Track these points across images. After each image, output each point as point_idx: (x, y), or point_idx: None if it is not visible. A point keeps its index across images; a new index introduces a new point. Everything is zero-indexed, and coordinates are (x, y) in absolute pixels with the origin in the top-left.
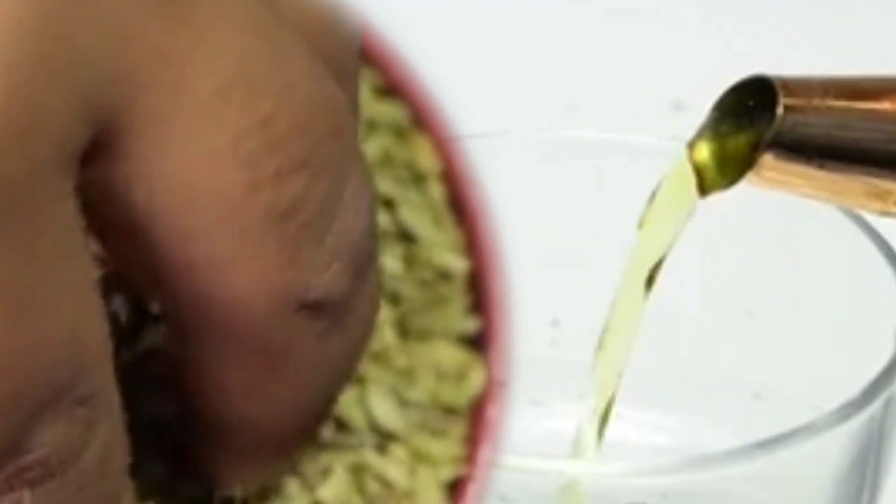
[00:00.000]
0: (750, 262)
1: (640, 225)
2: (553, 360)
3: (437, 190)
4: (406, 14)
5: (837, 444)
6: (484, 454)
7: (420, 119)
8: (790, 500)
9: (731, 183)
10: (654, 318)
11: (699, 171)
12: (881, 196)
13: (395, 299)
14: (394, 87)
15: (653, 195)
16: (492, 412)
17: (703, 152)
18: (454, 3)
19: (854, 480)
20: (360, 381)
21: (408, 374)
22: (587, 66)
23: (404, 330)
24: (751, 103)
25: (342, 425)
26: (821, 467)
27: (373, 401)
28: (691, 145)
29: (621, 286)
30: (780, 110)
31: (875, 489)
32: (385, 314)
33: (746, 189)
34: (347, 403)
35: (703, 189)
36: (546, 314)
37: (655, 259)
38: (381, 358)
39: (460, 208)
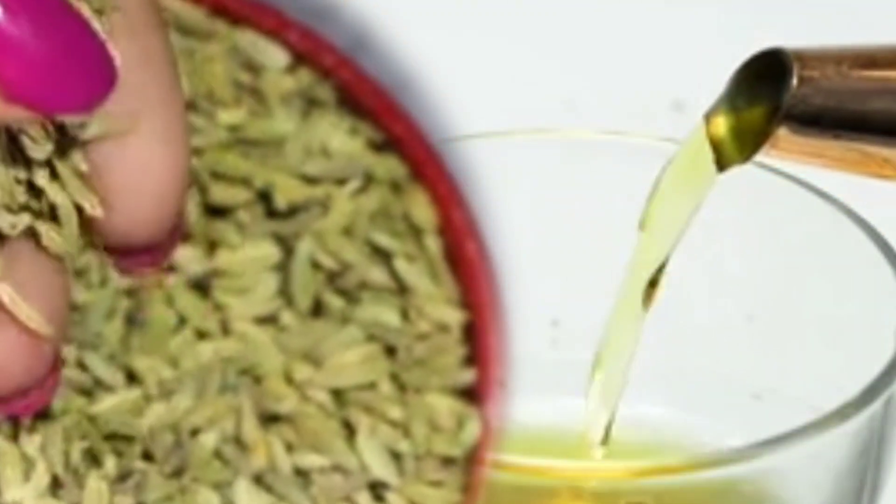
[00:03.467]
0: (750, 263)
1: (643, 223)
2: (553, 360)
3: (433, 243)
4: (406, 14)
5: (837, 444)
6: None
7: (419, 171)
8: (790, 499)
9: (748, 157)
10: (654, 319)
11: (716, 146)
12: None
13: (391, 352)
14: (391, 141)
15: (658, 182)
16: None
17: (721, 126)
18: (454, 4)
19: (854, 480)
20: (351, 430)
21: (402, 426)
22: (587, 66)
23: (400, 382)
24: (765, 76)
25: (338, 469)
26: (821, 467)
27: (365, 451)
28: (707, 119)
29: (629, 275)
30: (794, 81)
31: (875, 489)
32: (381, 366)
33: (747, 189)
34: (341, 450)
35: (721, 164)
36: (546, 314)
37: (668, 248)
38: (374, 409)
39: (458, 260)
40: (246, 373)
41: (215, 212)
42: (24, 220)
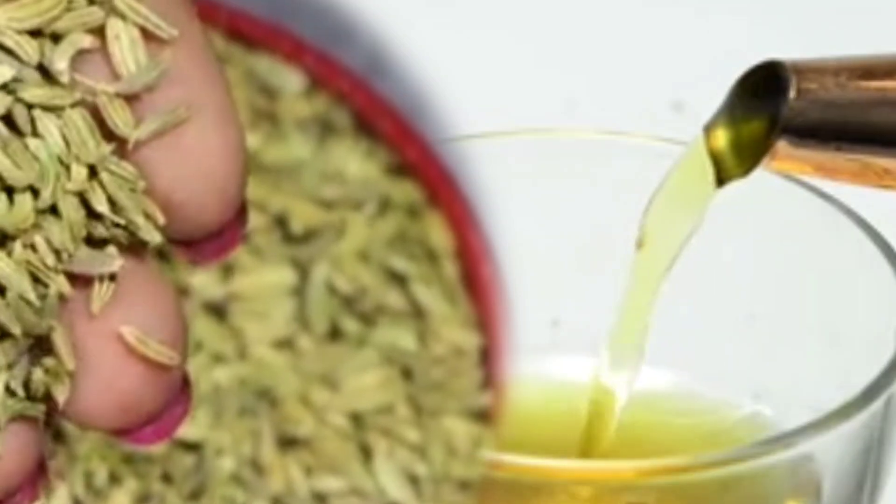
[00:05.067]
0: (751, 263)
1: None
2: (553, 360)
3: (449, 267)
4: (406, 14)
5: (837, 444)
6: None
7: (434, 195)
8: (791, 499)
9: (748, 170)
10: (655, 319)
11: (715, 160)
12: None
13: (407, 375)
14: (408, 166)
15: (657, 193)
16: None
17: (720, 140)
18: (454, 4)
19: (854, 480)
20: (369, 453)
21: (419, 449)
22: (587, 66)
23: (417, 405)
24: (763, 88)
25: (355, 492)
26: (821, 467)
27: (382, 474)
28: (706, 133)
29: (631, 289)
30: (791, 94)
31: (875, 489)
32: (398, 390)
33: (747, 190)
34: (358, 473)
35: (720, 179)
36: (546, 314)
37: (668, 260)
38: (391, 432)
39: (472, 283)
40: (263, 396)
41: None
42: (116, 257)
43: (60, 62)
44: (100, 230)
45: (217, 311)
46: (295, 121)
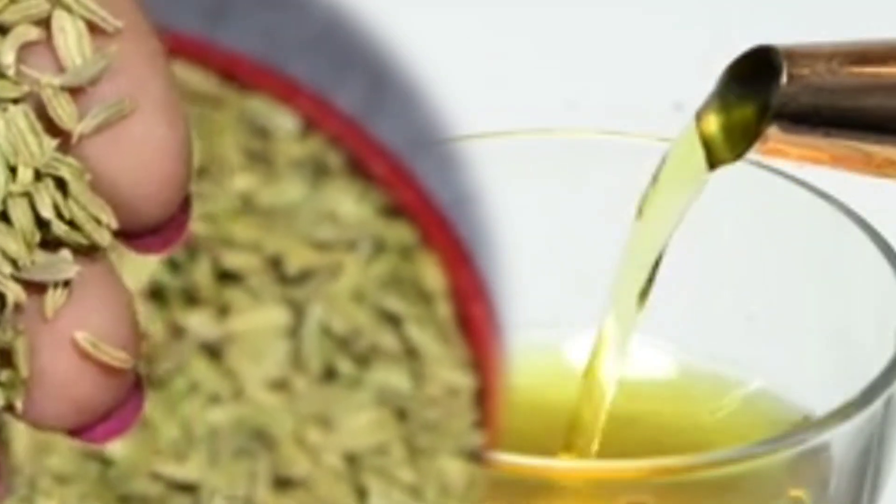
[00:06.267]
0: (751, 263)
1: (640, 211)
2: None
3: (443, 308)
4: (406, 14)
5: (837, 444)
6: None
7: (427, 235)
8: (791, 499)
9: (739, 155)
10: (654, 318)
11: (707, 145)
12: (888, 164)
13: (402, 415)
14: (402, 207)
15: (654, 177)
16: None
17: (712, 125)
18: (454, 4)
19: (854, 480)
20: (364, 494)
21: (414, 489)
22: (588, 66)
23: (411, 446)
24: (756, 74)
25: None
26: (821, 467)
27: None
28: (699, 117)
29: (621, 274)
30: (783, 79)
31: (875, 489)
32: (392, 430)
33: (747, 189)
34: None
35: (712, 163)
36: (546, 314)
37: (661, 244)
38: (386, 472)
39: (467, 324)
40: (258, 437)
41: (227, 277)
42: (71, 264)
43: (7, 55)
44: (52, 232)
45: (212, 351)
46: (289, 162)
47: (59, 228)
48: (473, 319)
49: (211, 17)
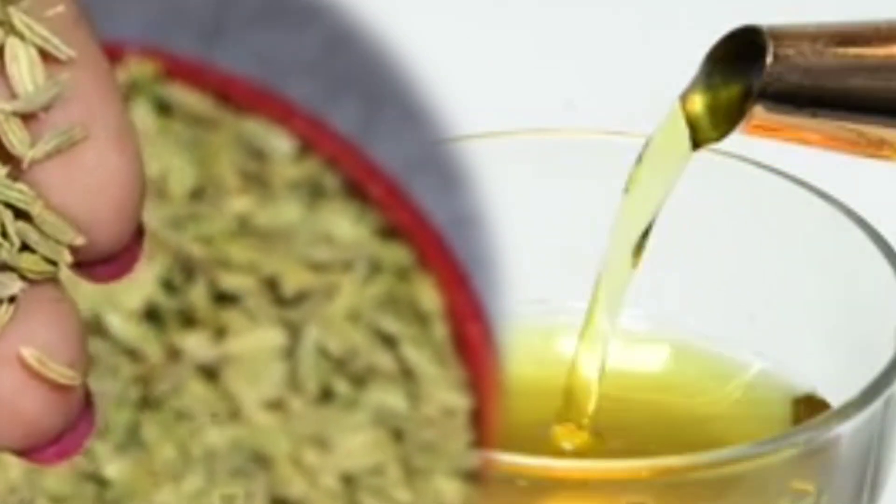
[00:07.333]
0: (751, 263)
1: (627, 188)
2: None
3: (439, 328)
4: (406, 14)
5: (838, 444)
6: None
7: (424, 256)
8: (791, 499)
9: (724, 135)
10: (654, 319)
11: (692, 124)
12: (873, 143)
13: (398, 436)
14: (398, 228)
15: (640, 157)
16: None
17: (696, 104)
18: (454, 4)
19: (854, 480)
20: None
21: None
22: (587, 66)
23: (408, 466)
24: (741, 54)
25: None
26: (821, 467)
27: None
28: (683, 98)
29: (609, 253)
30: (768, 59)
31: (875, 489)
32: (388, 450)
33: (747, 189)
34: None
35: (696, 142)
36: (546, 313)
37: (647, 219)
38: (383, 493)
39: (463, 345)
40: (255, 458)
41: (224, 298)
42: (15, 280)
43: None
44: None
45: (209, 373)
46: (285, 184)
47: (5, 252)
48: (470, 340)
49: (207, 39)
